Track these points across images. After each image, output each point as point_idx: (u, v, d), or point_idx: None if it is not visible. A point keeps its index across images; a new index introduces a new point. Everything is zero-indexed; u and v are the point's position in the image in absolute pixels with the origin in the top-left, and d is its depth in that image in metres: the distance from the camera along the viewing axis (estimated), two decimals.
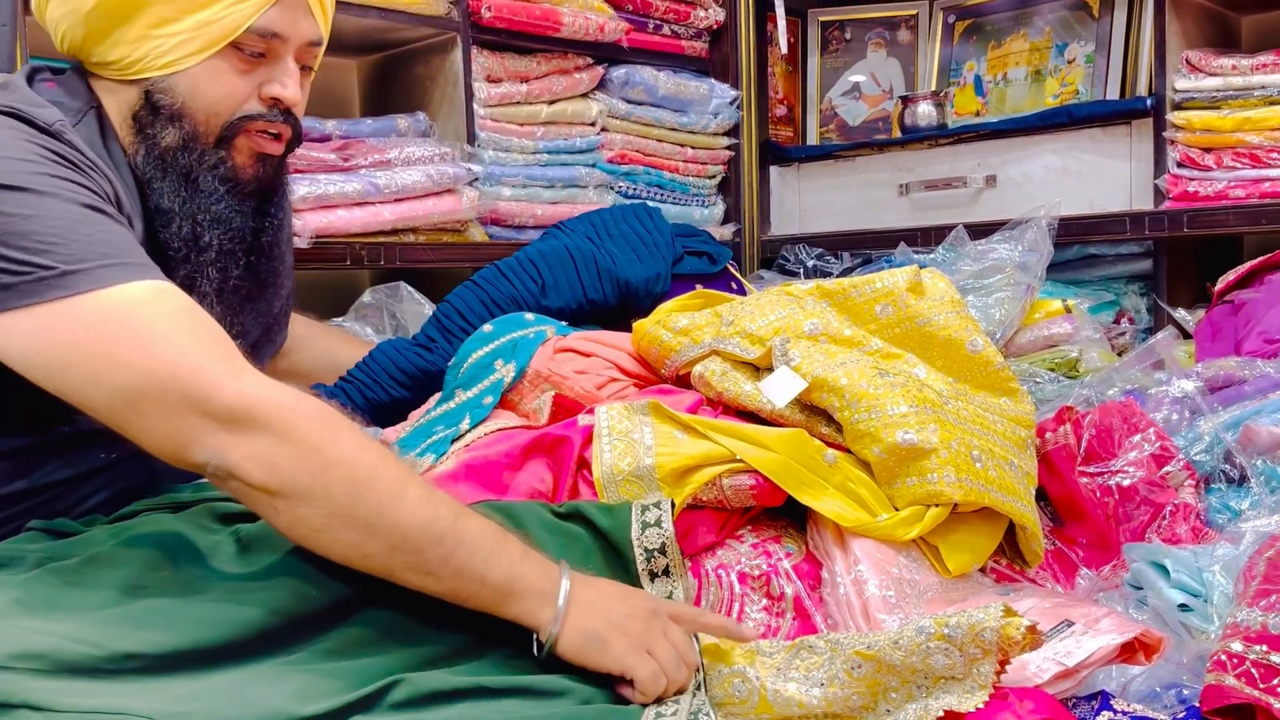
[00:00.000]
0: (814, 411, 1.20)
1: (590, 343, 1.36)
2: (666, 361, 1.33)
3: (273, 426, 0.86)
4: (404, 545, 0.87)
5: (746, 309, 1.31)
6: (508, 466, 1.17)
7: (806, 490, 1.11)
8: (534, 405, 1.29)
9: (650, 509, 0.96)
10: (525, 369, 1.30)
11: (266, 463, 0.86)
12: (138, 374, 0.87)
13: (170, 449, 0.89)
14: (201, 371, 0.87)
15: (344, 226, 1.83)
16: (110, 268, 0.91)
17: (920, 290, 1.33)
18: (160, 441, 0.89)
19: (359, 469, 0.87)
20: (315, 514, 0.87)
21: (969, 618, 0.87)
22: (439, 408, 1.32)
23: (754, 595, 1.07)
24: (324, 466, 0.86)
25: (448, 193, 1.97)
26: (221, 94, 1.07)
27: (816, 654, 0.94)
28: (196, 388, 0.87)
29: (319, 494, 0.86)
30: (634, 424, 1.15)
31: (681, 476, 1.09)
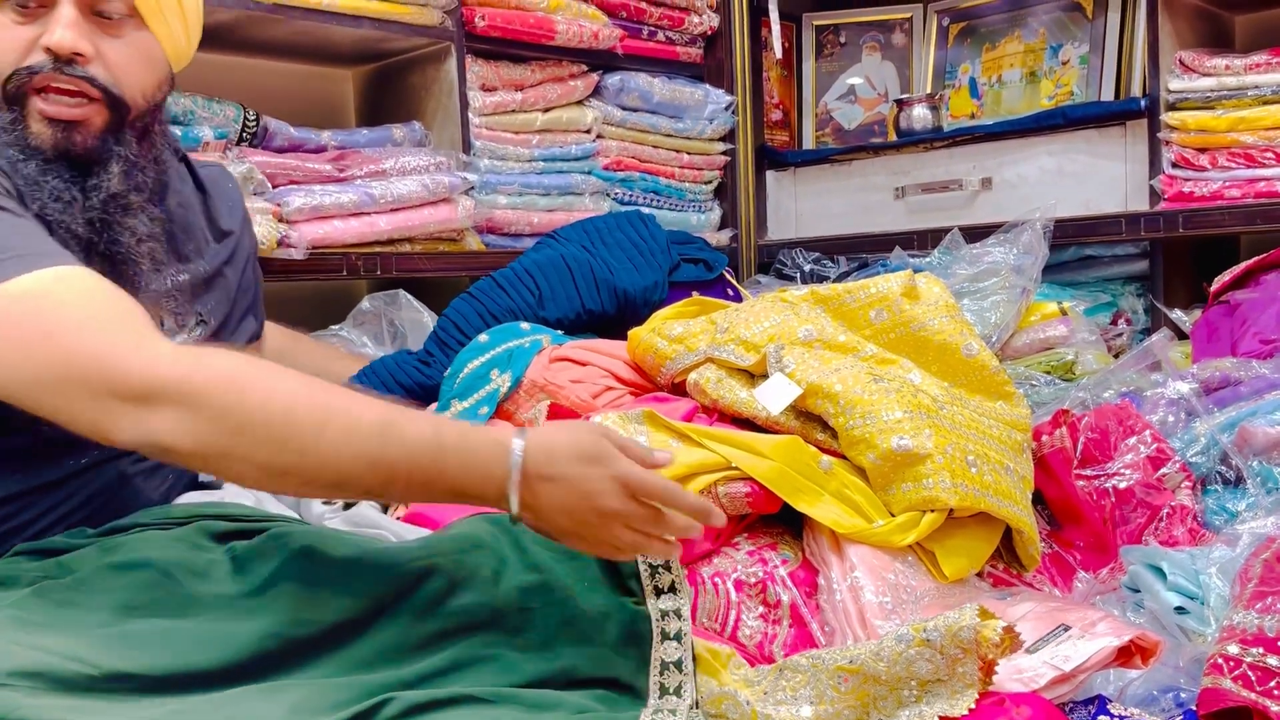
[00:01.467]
0: (809, 418, 1.21)
1: (586, 351, 1.36)
2: (662, 369, 1.33)
3: (181, 397, 0.86)
4: (340, 481, 0.88)
5: (741, 316, 1.31)
6: None
7: (802, 497, 1.11)
8: (530, 415, 1.29)
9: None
10: (521, 379, 1.31)
11: (187, 432, 0.86)
12: (49, 365, 0.88)
13: (98, 433, 0.89)
14: (105, 355, 0.87)
15: (340, 237, 1.83)
16: (7, 261, 0.91)
17: (915, 295, 1.33)
18: (87, 427, 0.89)
19: (273, 424, 0.86)
20: (248, 469, 0.88)
21: (945, 620, 0.87)
22: None
23: (750, 603, 1.07)
24: (238, 428, 0.86)
25: (443, 202, 1.97)
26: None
27: (800, 672, 0.95)
28: (104, 372, 0.87)
29: (242, 453, 0.86)
30: (629, 432, 1.15)
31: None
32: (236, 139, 1.85)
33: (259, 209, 1.76)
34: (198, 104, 1.82)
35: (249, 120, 1.87)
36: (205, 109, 1.82)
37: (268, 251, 1.74)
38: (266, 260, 1.75)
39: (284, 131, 1.90)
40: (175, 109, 1.78)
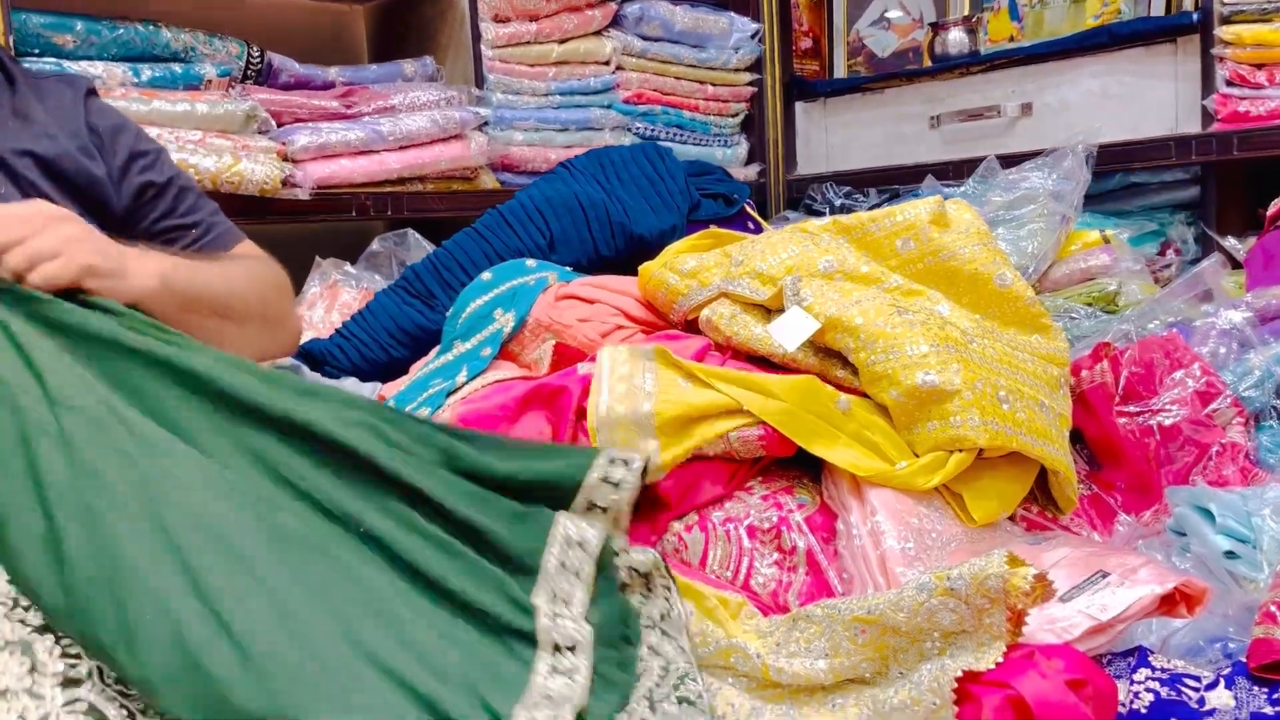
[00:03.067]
0: (828, 354, 1.13)
1: (594, 289, 1.30)
2: (674, 306, 1.26)
3: None
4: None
5: (757, 248, 1.24)
6: (504, 419, 1.11)
7: (817, 440, 1.04)
8: (535, 355, 1.23)
9: (619, 464, 0.88)
10: (525, 318, 1.24)
11: None
12: None
13: None
14: None
15: (347, 176, 1.77)
16: None
17: (944, 222, 1.25)
18: None
19: None
20: None
21: (971, 568, 0.80)
22: (437, 360, 1.27)
23: (764, 550, 1.01)
24: None
25: (455, 138, 1.91)
26: None
27: (814, 623, 0.89)
28: None
29: None
30: (636, 368, 1.08)
31: (683, 427, 1.02)
32: (241, 76, 1.79)
33: (263, 148, 1.71)
34: (199, 40, 1.76)
35: (253, 57, 1.81)
36: (207, 45, 1.76)
37: (272, 191, 1.69)
38: (272, 201, 1.70)
39: (289, 68, 1.84)
40: (176, 45, 1.72)
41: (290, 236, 2.00)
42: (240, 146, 1.67)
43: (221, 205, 1.65)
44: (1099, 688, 0.81)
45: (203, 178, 1.61)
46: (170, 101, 1.64)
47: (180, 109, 1.65)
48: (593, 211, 1.47)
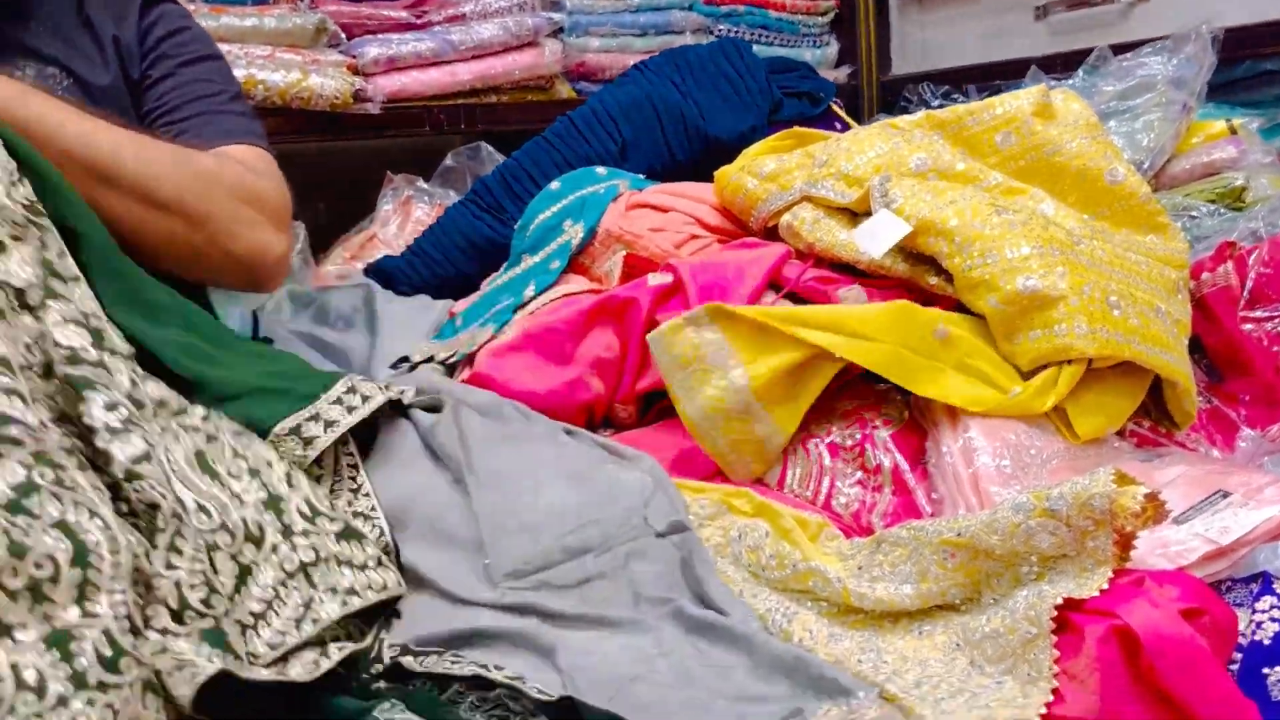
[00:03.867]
0: (919, 260, 1.05)
1: (668, 196, 1.23)
2: (753, 212, 1.18)
3: None
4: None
5: (842, 147, 1.15)
6: (570, 334, 1.06)
7: (922, 378, 0.94)
8: (605, 268, 1.18)
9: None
10: (595, 229, 1.18)
11: None
12: None
13: None
14: None
15: (418, 89, 1.72)
16: None
17: (1049, 114, 1.14)
18: None
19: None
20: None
21: (1073, 487, 0.73)
22: (504, 275, 1.22)
23: (846, 468, 0.95)
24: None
25: (529, 46, 1.83)
26: None
27: (900, 546, 0.83)
28: None
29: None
30: (698, 340, 0.96)
31: (785, 388, 0.94)
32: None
33: (333, 62, 1.66)
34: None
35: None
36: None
37: (344, 106, 1.65)
38: (343, 116, 1.66)
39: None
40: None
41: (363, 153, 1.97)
42: (310, 61, 1.63)
43: (293, 122, 1.63)
44: (1217, 618, 0.73)
45: (272, 93, 1.58)
46: (238, 16, 1.61)
47: (249, 23, 1.61)
48: (667, 114, 1.39)
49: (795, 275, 1.06)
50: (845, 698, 0.69)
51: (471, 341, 1.10)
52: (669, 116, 1.39)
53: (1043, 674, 0.71)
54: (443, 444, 0.93)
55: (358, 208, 1.76)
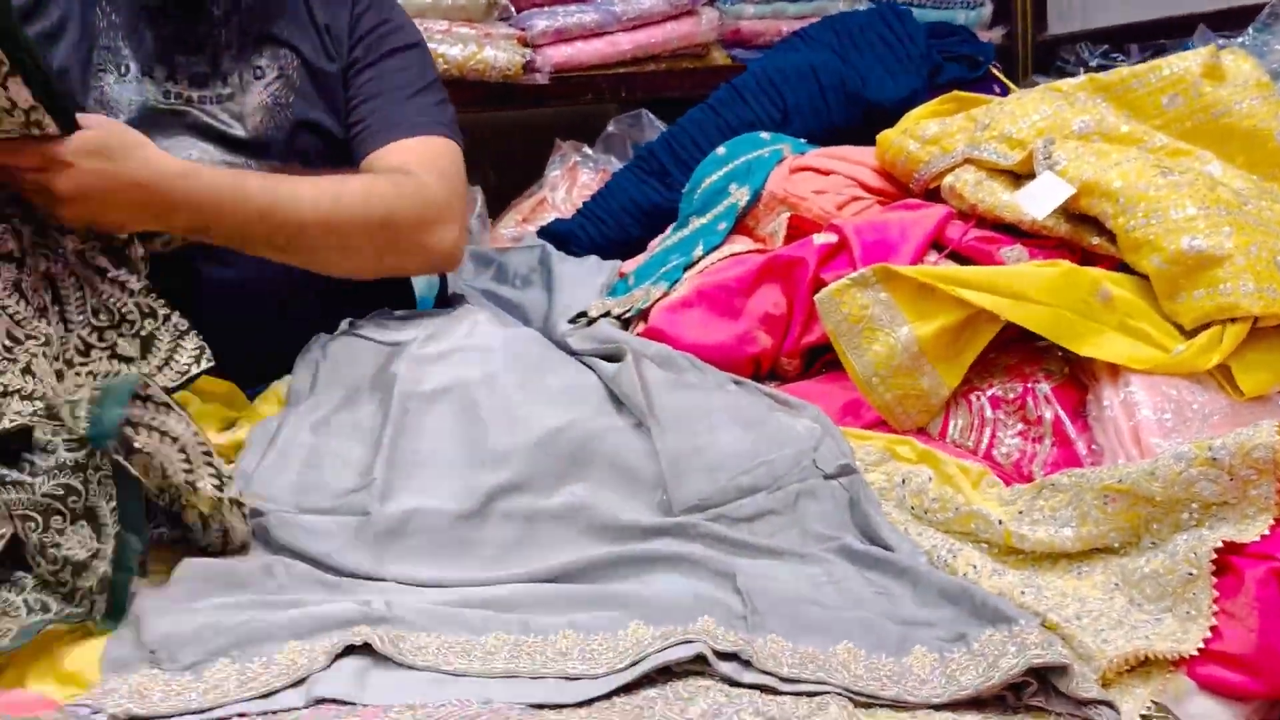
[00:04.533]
0: (1081, 220, 1.07)
1: (830, 159, 1.28)
2: (914, 174, 1.22)
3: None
4: None
5: (1005, 110, 1.18)
6: (740, 291, 1.13)
7: (1084, 340, 0.97)
8: (770, 229, 1.24)
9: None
10: (760, 191, 1.25)
11: None
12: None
13: None
14: None
15: (583, 59, 1.81)
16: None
17: (1218, 75, 1.14)
18: None
19: None
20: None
21: (1236, 438, 0.76)
22: (673, 236, 1.30)
23: (1008, 420, 0.99)
24: None
25: (686, 15, 1.90)
26: None
27: (1061, 491, 0.87)
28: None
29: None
30: (865, 300, 1.01)
31: (950, 344, 0.98)
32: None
33: (504, 34, 1.76)
34: None
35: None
36: None
37: (515, 77, 1.75)
38: (513, 86, 1.76)
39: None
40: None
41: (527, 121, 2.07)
42: (483, 34, 1.74)
43: (466, 93, 1.74)
44: None
45: (450, 66, 1.69)
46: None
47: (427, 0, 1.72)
48: (828, 80, 1.44)
49: (958, 235, 1.10)
50: (1008, 624, 0.75)
51: (645, 298, 1.18)
52: (830, 82, 1.44)
53: (1202, 612, 0.74)
54: (624, 390, 1.02)
55: (523, 174, 1.87)
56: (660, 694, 0.70)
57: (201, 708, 0.73)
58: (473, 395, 1.00)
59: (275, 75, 1.16)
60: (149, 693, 0.75)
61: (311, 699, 0.72)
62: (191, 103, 1.16)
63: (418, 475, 0.94)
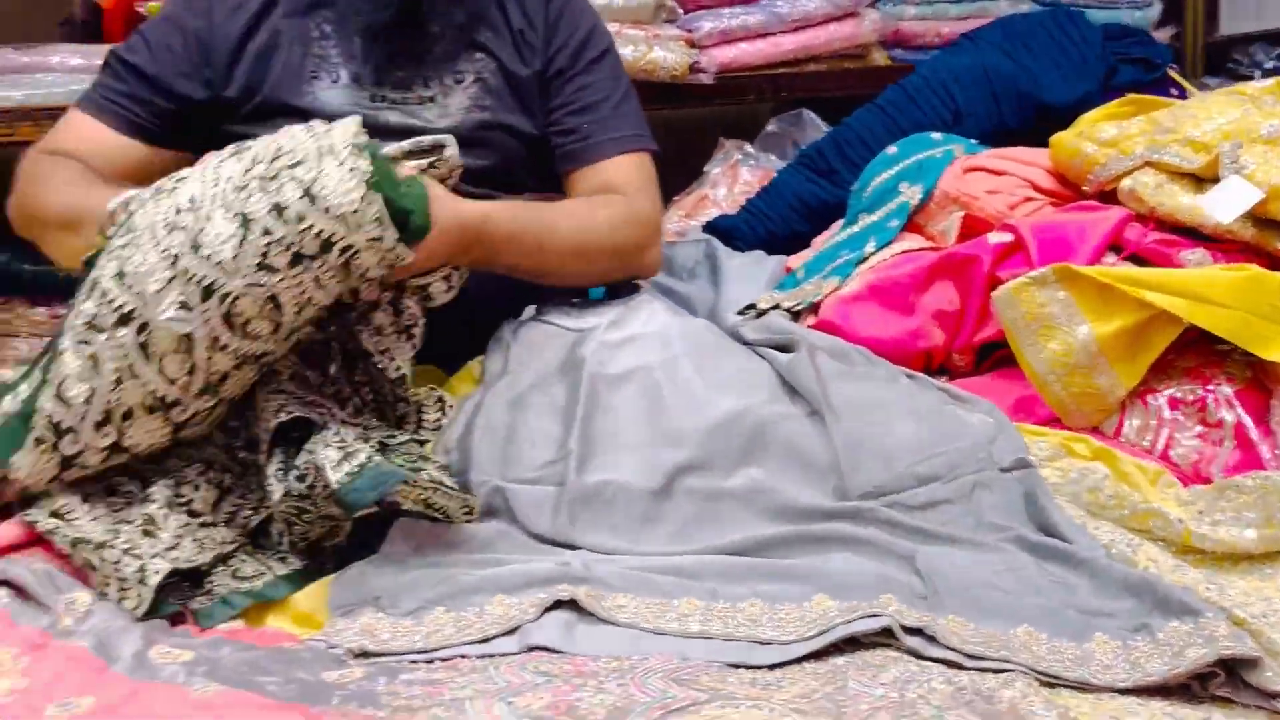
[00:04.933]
0: (1266, 224, 1.07)
1: (1002, 160, 1.29)
2: (1089, 176, 1.23)
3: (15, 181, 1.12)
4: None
5: (1188, 113, 1.17)
6: (914, 287, 1.16)
7: (1270, 344, 0.96)
8: (941, 227, 1.26)
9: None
10: (932, 190, 1.27)
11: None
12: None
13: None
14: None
15: (747, 59, 1.85)
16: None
17: None
18: None
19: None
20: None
21: None
22: (843, 232, 1.33)
23: (1186, 421, 0.99)
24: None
25: (848, 17, 1.92)
26: None
27: (1245, 493, 0.88)
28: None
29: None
30: (1042, 299, 1.03)
31: (1129, 345, 1.00)
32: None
33: (672, 35, 1.82)
34: None
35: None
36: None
37: (681, 77, 1.80)
38: (679, 87, 1.82)
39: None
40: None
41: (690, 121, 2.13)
42: (651, 35, 1.80)
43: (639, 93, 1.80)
44: None
45: None
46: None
47: (600, 1, 1.79)
48: (1000, 83, 1.45)
49: (1136, 238, 1.10)
50: (1194, 616, 0.76)
51: (817, 291, 1.22)
52: (1002, 84, 1.45)
53: None
54: (799, 379, 1.06)
55: (684, 171, 1.92)
56: (850, 661, 0.75)
57: (425, 648, 0.81)
58: (655, 378, 1.06)
59: (474, 79, 1.24)
60: (378, 632, 0.83)
61: (525, 646, 0.79)
62: (396, 105, 1.24)
63: (608, 451, 1.00)
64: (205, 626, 0.85)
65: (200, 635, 0.84)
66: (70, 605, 0.83)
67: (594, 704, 0.69)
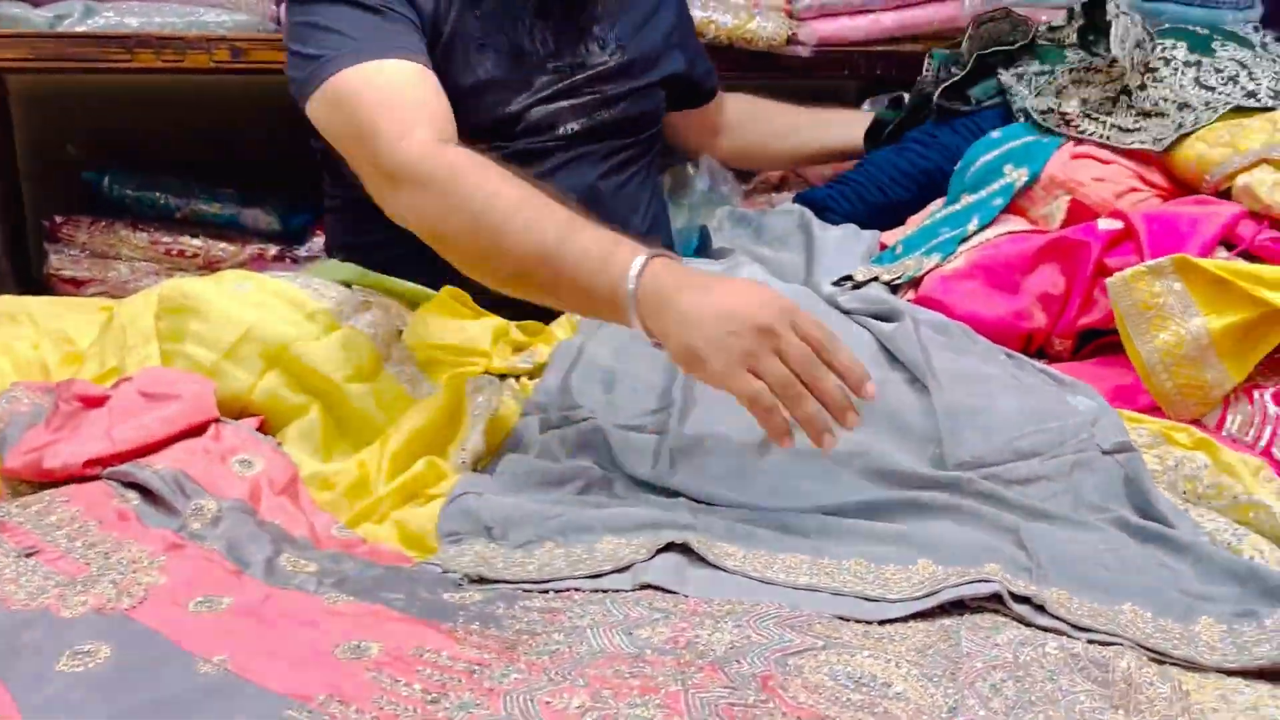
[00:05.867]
0: None
1: (1111, 150, 1.29)
2: (1206, 177, 1.22)
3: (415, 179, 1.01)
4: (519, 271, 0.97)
5: None
6: (1019, 268, 1.16)
7: None
8: (1045, 211, 1.26)
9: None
10: (1039, 174, 1.27)
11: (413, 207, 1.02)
12: (348, 140, 1.09)
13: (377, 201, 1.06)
14: (376, 138, 1.04)
15: (846, 35, 1.84)
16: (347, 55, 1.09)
17: None
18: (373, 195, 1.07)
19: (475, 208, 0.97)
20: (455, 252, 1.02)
21: None
22: (944, 209, 1.33)
23: None
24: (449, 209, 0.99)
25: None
26: None
27: None
28: (374, 152, 1.04)
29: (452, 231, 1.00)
30: (1158, 289, 1.02)
31: (1240, 341, 0.99)
32: None
33: (772, 5, 1.82)
34: None
35: None
36: None
37: (779, 48, 1.80)
38: (776, 57, 1.82)
39: None
40: None
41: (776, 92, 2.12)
42: (752, 4, 1.79)
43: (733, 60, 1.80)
44: None
45: (720, 34, 1.75)
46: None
47: None
48: None
49: (1250, 235, 1.10)
50: None
51: (918, 267, 1.23)
52: None
53: None
54: (901, 348, 1.07)
55: None
56: (960, 622, 0.76)
57: (539, 579, 0.83)
58: None
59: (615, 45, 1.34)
60: (493, 560, 0.86)
61: (638, 584, 0.81)
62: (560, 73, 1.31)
63: (710, 404, 1.01)
64: None
65: (320, 547, 0.87)
66: (198, 511, 0.87)
67: (712, 641, 0.71)
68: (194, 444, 0.94)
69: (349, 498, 0.97)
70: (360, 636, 0.69)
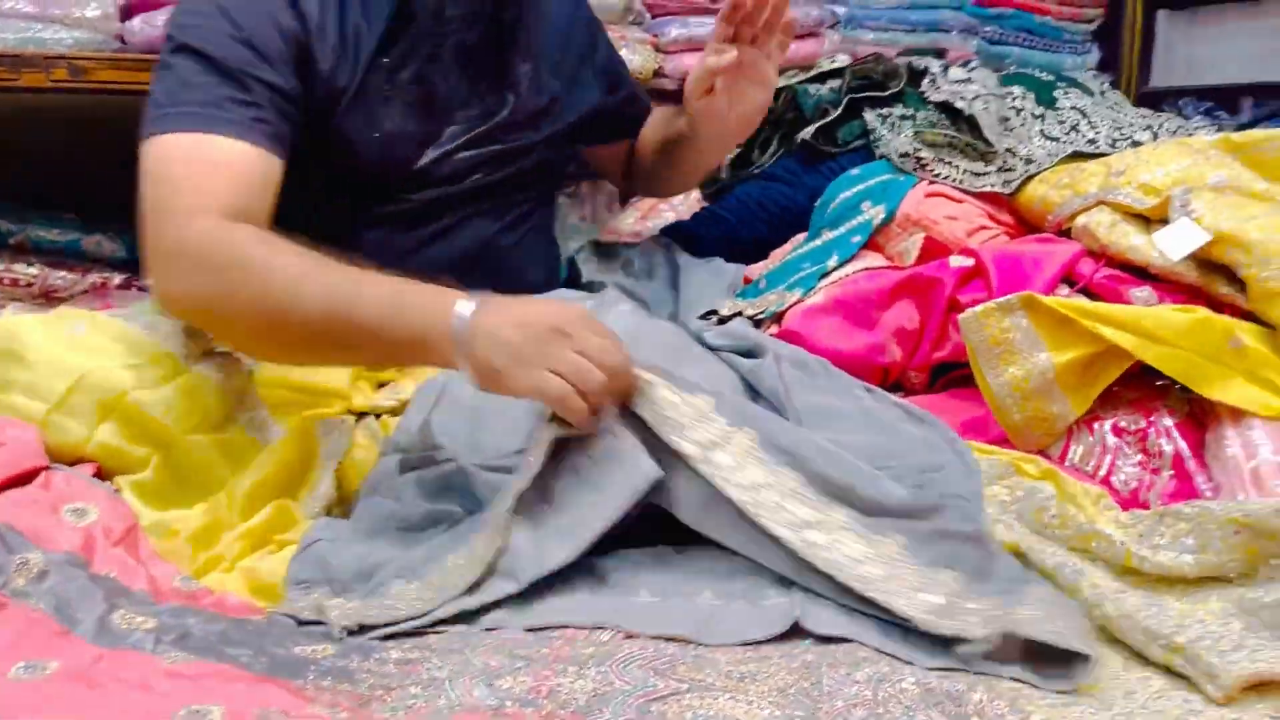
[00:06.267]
0: (1211, 269, 1.13)
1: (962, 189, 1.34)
2: (1049, 217, 1.28)
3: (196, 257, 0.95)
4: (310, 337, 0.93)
5: (1141, 159, 1.23)
6: (877, 304, 1.19)
7: (1212, 384, 1.02)
8: (901, 247, 1.30)
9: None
10: (895, 212, 1.31)
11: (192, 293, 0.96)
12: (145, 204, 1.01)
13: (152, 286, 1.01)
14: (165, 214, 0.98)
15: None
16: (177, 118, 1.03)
17: None
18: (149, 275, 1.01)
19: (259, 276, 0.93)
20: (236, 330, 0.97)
21: None
22: (805, 245, 1.36)
23: (1128, 450, 1.04)
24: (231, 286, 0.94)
25: (810, 36, 1.96)
26: None
27: (1183, 520, 0.92)
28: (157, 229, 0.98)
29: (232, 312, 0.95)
30: (1005, 326, 1.06)
31: (1081, 375, 1.04)
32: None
33: (637, 39, 1.83)
34: None
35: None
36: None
37: (645, 81, 1.82)
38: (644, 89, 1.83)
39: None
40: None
41: None
42: (619, 37, 1.81)
43: None
44: None
45: None
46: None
47: None
48: None
49: (1089, 272, 1.16)
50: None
51: (780, 301, 1.25)
52: None
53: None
54: (766, 384, 1.08)
55: None
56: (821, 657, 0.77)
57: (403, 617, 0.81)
58: None
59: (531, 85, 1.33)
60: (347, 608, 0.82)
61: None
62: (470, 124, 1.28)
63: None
64: None
65: (161, 600, 0.82)
66: (23, 565, 0.81)
67: (574, 689, 0.70)
68: (20, 494, 0.87)
69: (194, 546, 0.92)
70: (200, 700, 0.65)
